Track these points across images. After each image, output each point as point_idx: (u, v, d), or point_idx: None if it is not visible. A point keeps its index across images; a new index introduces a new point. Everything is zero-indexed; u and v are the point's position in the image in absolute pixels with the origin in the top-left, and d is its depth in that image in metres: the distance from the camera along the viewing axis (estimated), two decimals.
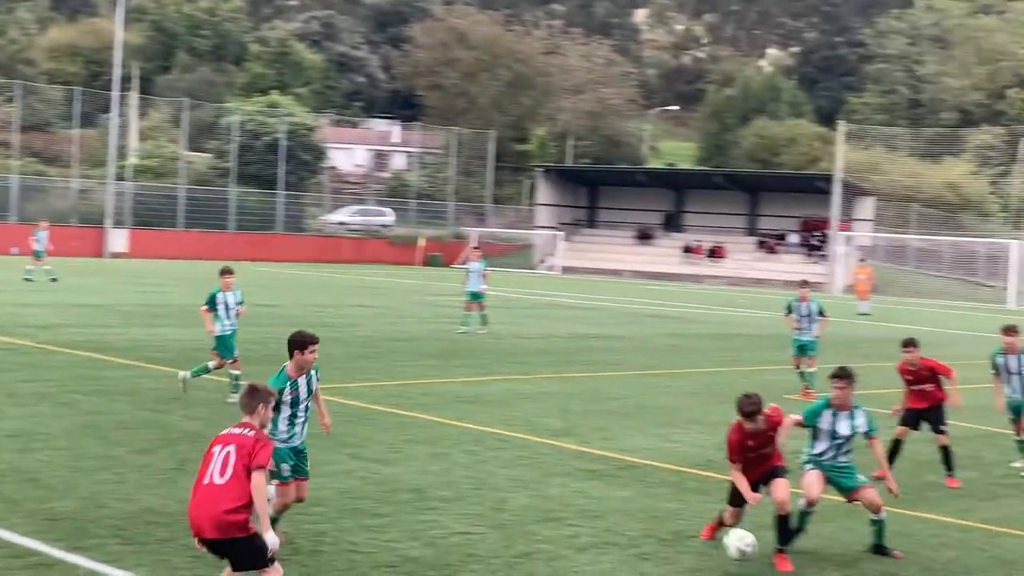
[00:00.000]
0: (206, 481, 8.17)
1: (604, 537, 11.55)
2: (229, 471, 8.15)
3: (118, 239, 68.05)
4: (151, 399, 18.28)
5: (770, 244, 77.44)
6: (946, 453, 15.23)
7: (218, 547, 8.20)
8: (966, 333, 41.54)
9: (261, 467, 8.17)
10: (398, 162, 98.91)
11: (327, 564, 10.17)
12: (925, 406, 15.53)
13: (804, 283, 24.26)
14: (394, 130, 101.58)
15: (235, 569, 8.37)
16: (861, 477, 11.70)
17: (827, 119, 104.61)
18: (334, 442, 14.54)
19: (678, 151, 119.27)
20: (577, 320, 38.58)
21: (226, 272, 19.13)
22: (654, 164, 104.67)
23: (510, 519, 12.03)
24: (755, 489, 11.15)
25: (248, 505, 8.08)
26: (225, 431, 8.50)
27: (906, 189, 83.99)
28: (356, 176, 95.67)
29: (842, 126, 77.35)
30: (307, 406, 10.87)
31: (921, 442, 18.03)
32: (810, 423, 11.56)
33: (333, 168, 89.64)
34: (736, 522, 11.28)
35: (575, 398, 20.68)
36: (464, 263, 31.49)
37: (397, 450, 15.22)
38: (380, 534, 11.20)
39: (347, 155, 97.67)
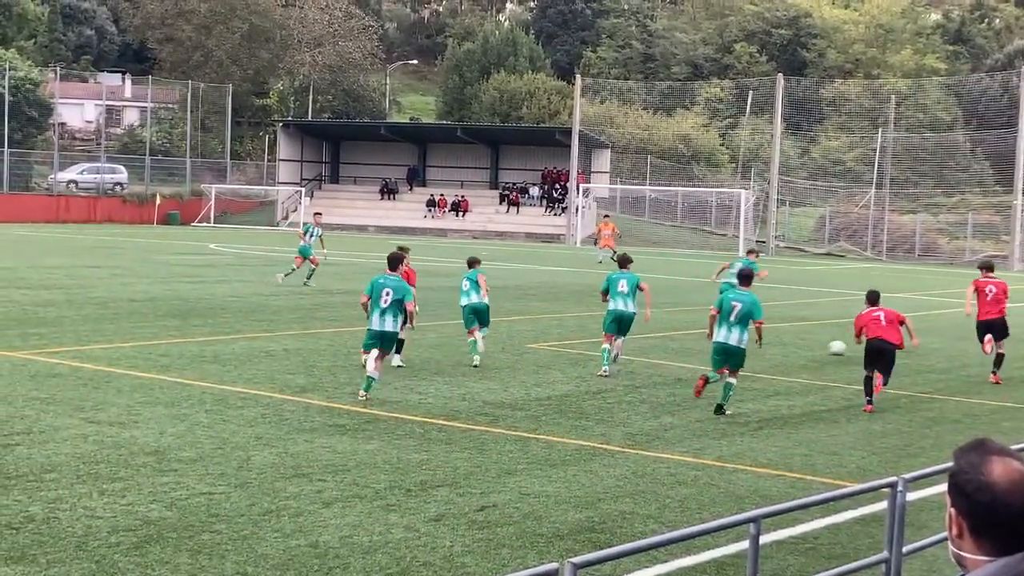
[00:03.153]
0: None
1: (350, 490, 11.52)
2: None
3: None
4: None
5: (512, 197, 78.46)
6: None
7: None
8: (695, 280, 43.09)
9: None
10: (131, 117, 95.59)
11: (63, 532, 9.80)
12: None
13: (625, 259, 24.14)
14: (126, 84, 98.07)
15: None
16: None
17: (565, 73, 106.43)
18: (68, 406, 14.03)
19: (420, 105, 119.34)
20: (321, 276, 38.22)
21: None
22: (396, 118, 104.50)
23: (255, 477, 11.86)
24: None
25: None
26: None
27: (641, 141, 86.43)
28: (87, 132, 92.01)
29: (579, 80, 78.84)
30: None
31: (661, 385, 18.69)
32: None
33: (62, 124, 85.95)
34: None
35: (321, 354, 20.51)
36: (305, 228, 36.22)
37: (136, 413, 14.77)
38: (119, 498, 10.86)
39: (77, 111, 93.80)
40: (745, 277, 17.54)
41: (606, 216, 60.03)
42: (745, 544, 7.04)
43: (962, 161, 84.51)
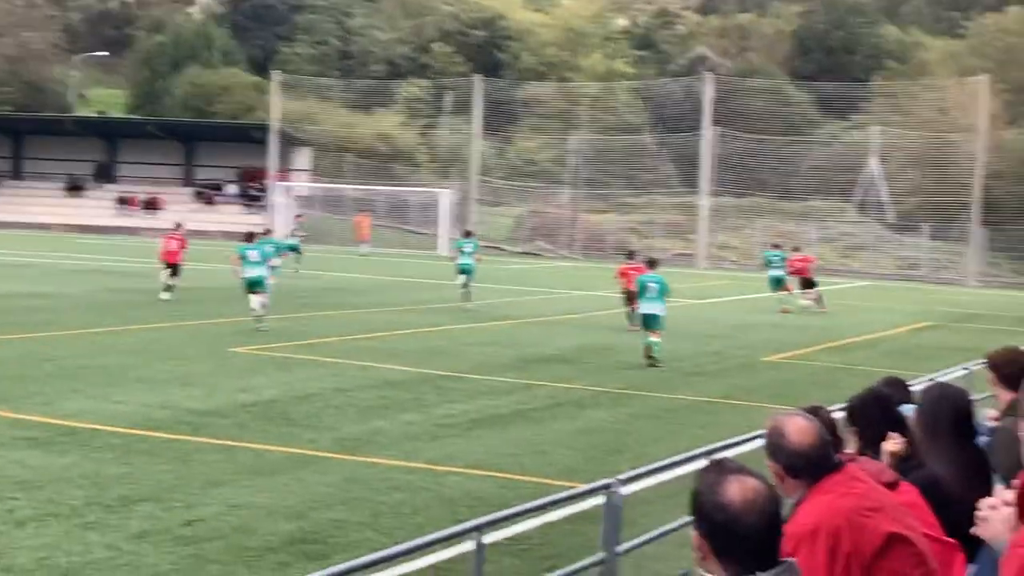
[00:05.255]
0: None
1: (45, 508, 10.86)
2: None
3: None
4: None
5: (208, 195, 76.63)
6: None
7: None
8: (398, 279, 43.16)
9: None
10: None
11: None
12: None
13: (468, 232, 34.03)
14: None
15: None
16: None
17: (260, 68, 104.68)
18: None
19: (108, 99, 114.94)
20: (3, 278, 36.24)
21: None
22: (83, 112, 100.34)
23: None
24: None
25: None
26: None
27: (340, 139, 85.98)
28: None
29: (276, 76, 77.74)
30: None
31: (369, 388, 18.56)
32: None
33: None
34: None
35: (6, 362, 19.38)
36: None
37: None
38: None
39: None
40: (652, 263, 24.54)
41: (362, 210, 66.09)
42: (462, 548, 6.96)
43: (649, 163, 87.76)
